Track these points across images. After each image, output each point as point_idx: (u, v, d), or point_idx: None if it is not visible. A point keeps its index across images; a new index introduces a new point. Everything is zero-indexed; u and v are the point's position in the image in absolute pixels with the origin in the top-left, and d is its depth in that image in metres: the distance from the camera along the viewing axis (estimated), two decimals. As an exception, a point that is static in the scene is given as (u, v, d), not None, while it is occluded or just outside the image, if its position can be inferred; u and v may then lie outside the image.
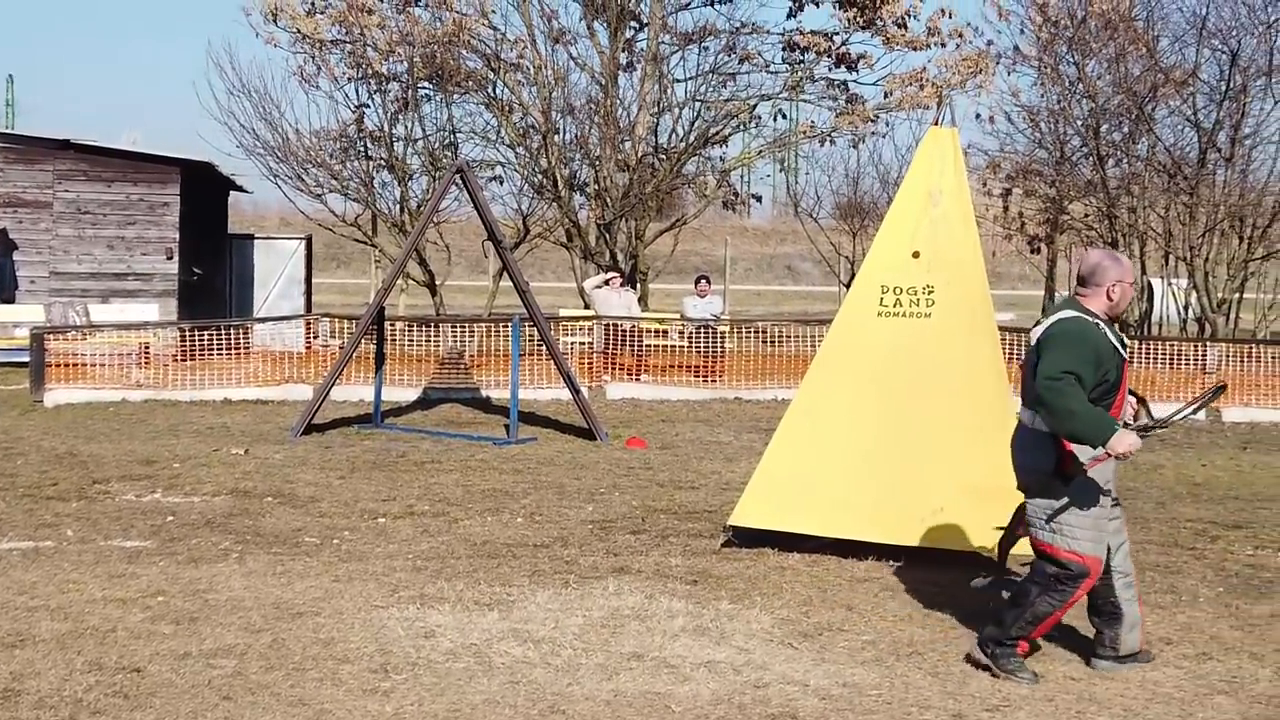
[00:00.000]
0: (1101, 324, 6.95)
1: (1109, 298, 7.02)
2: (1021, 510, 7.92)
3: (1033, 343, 7.02)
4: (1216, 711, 6.57)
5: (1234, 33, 23.99)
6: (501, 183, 28.38)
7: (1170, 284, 25.39)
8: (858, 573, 9.17)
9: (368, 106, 27.11)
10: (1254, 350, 20.73)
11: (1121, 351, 6.99)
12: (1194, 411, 7.42)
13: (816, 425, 9.69)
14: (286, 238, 30.81)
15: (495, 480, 12.75)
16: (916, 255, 9.58)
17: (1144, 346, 20.66)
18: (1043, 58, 26.94)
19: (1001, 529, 7.81)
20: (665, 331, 22.79)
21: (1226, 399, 19.43)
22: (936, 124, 9.94)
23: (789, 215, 39.10)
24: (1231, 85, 23.71)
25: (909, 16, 27.66)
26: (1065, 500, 6.92)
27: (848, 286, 11.55)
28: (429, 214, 17.48)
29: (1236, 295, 24.22)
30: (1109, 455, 6.71)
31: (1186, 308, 24.31)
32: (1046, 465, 6.94)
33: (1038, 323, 7.19)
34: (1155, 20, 25.49)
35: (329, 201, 27.39)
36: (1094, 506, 6.95)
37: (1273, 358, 20.46)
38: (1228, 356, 20.37)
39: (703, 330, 21.52)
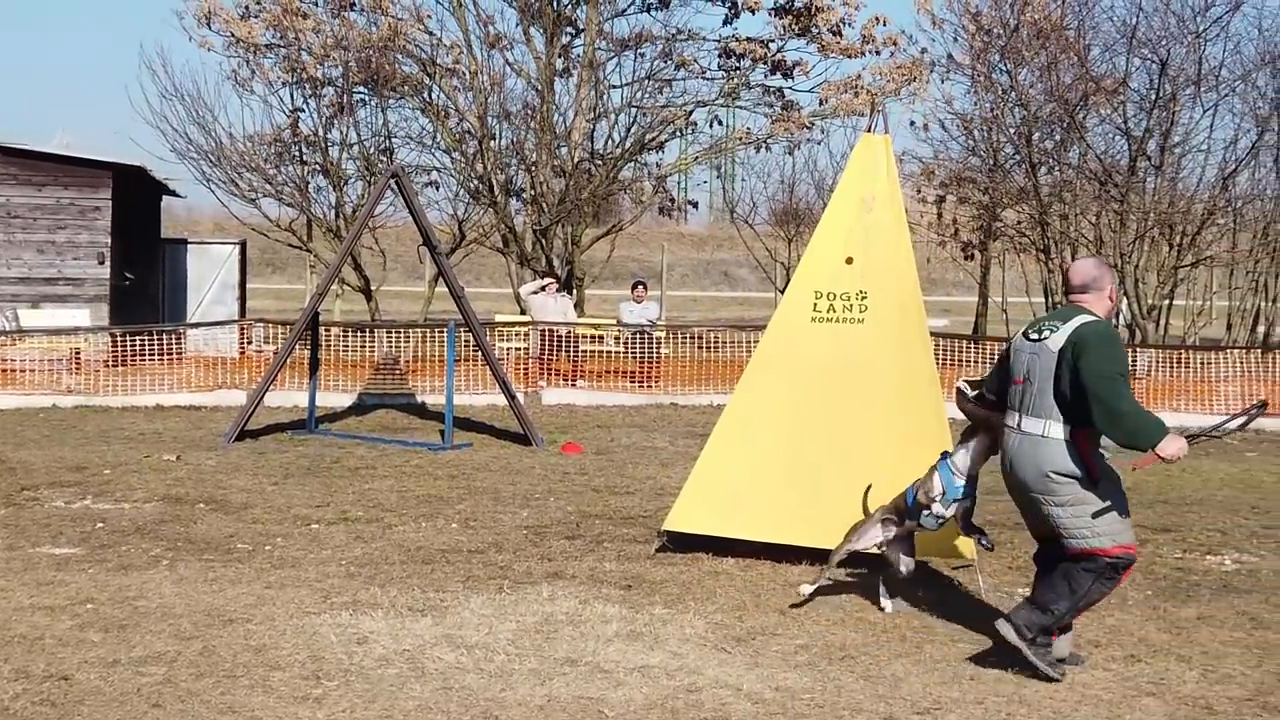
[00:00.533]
0: None
1: (1110, 299, 7.19)
2: (857, 526, 8.38)
3: (1052, 349, 7.00)
4: (1144, 713, 6.64)
5: (1163, 42, 24.26)
6: (437, 188, 28.35)
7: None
8: (791, 577, 9.20)
9: (303, 111, 26.98)
10: (1183, 356, 20.98)
11: None
12: (1240, 427, 7.50)
13: (751, 430, 9.72)
14: (220, 242, 30.52)
15: (430, 486, 12.72)
16: (850, 261, 9.63)
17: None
18: (976, 66, 27.14)
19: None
20: (601, 337, 22.82)
21: (1158, 404, 19.65)
22: (870, 131, 10.00)
23: (725, 221, 39.23)
24: (1161, 94, 23.98)
25: (844, 24, 27.83)
26: (1106, 504, 6.98)
27: (784, 292, 11.59)
28: (364, 219, 17.41)
29: (1166, 301, 24.50)
30: (1157, 458, 6.78)
31: (1117, 314, 24.56)
32: (1078, 472, 6.98)
33: (1039, 333, 7.15)
34: (1086, 29, 25.73)
35: (263, 206, 27.26)
36: (1125, 503, 7.10)
37: (1201, 363, 20.72)
38: (1158, 362, 20.60)
39: (639, 336, 21.55)
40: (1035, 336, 7.14)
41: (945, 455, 8.14)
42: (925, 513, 8.11)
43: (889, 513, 8.38)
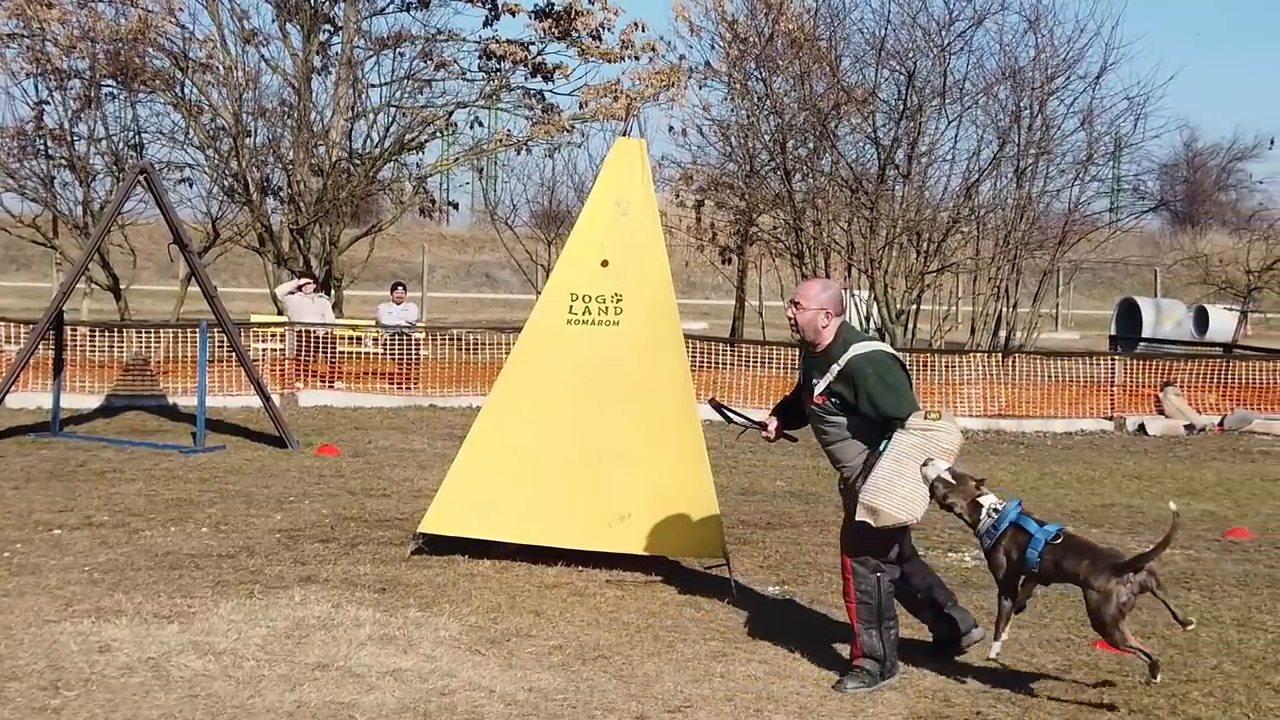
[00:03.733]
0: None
1: None
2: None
3: None
4: (886, 707, 6.86)
5: (911, 55, 24.92)
6: (191, 185, 27.63)
7: (853, 295, 26.27)
8: (546, 578, 9.26)
9: (48, 104, 26.02)
10: (929, 359, 21.65)
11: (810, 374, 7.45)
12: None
13: (506, 432, 9.75)
14: (-40, 238, 29.32)
15: (180, 489, 12.44)
16: (605, 264, 9.72)
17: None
18: (732, 73, 27.55)
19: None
20: (360, 338, 22.57)
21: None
22: (625, 135, 10.11)
23: (486, 223, 39.04)
24: (909, 105, 24.64)
25: (603, 29, 27.99)
26: None
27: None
28: (110, 216, 16.93)
29: (914, 306, 25.20)
30: None
31: (868, 318, 25.17)
32: None
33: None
34: (838, 40, 26.28)
35: (5, 201, 26.24)
36: None
37: (946, 366, 21.41)
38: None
39: (398, 337, 21.38)
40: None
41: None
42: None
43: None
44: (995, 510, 7.05)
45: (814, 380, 7.33)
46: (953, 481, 7.06)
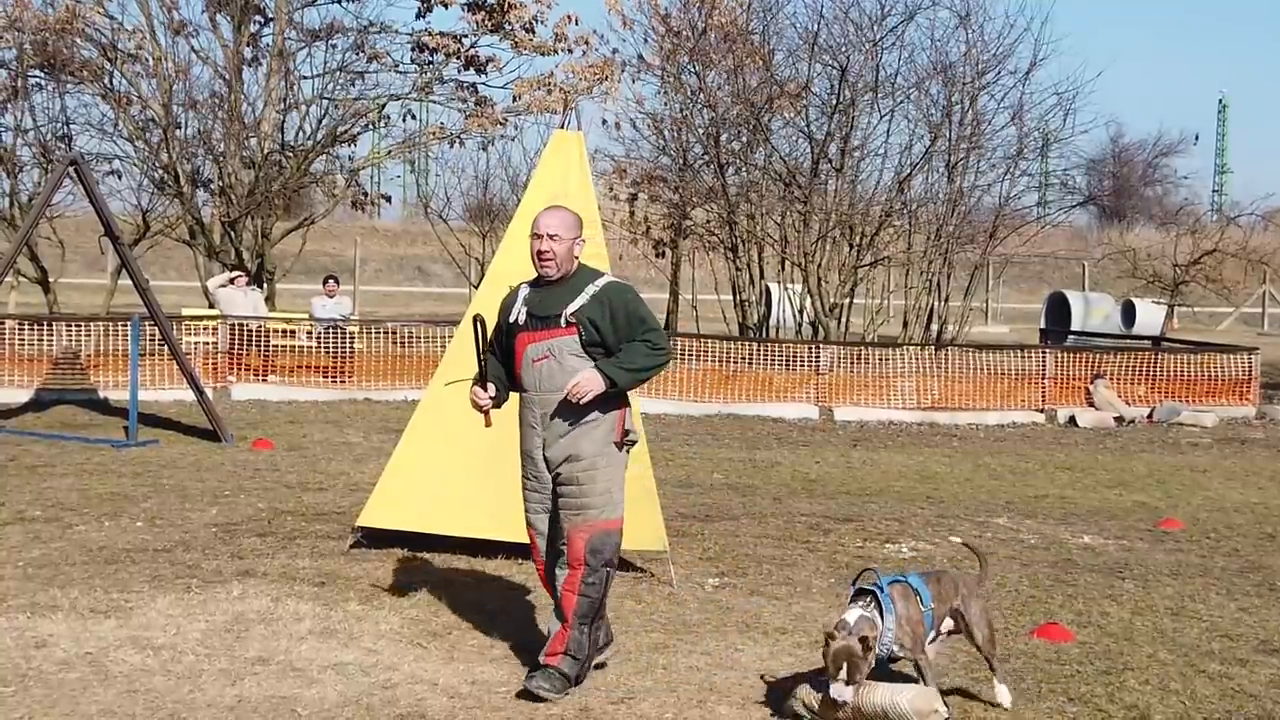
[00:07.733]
0: (524, 285, 7.08)
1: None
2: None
3: None
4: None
5: (843, 49, 25.09)
6: (120, 177, 27.36)
7: (786, 288, 26.40)
8: (487, 572, 9.25)
9: (-28, 95, 25.73)
10: (863, 352, 21.77)
11: (513, 313, 7.01)
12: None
13: (444, 425, 9.70)
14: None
15: (114, 484, 12.31)
16: (544, 256, 9.69)
17: (763, 349, 21.48)
18: (666, 67, 27.62)
19: None
20: (293, 332, 22.43)
21: (840, 399, 20.39)
22: (563, 128, 10.11)
23: (420, 216, 38.96)
24: (841, 99, 24.79)
25: (536, 22, 27.95)
26: None
27: (478, 287, 11.63)
28: (40, 208, 16.75)
29: (847, 300, 25.36)
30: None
31: (801, 311, 25.31)
32: None
33: None
34: (771, 35, 26.44)
35: (-70, 194, 25.90)
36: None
37: (880, 359, 21.54)
38: (839, 358, 21.33)
39: (331, 330, 21.28)
40: None
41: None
42: None
43: None
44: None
45: (553, 313, 6.82)
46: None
